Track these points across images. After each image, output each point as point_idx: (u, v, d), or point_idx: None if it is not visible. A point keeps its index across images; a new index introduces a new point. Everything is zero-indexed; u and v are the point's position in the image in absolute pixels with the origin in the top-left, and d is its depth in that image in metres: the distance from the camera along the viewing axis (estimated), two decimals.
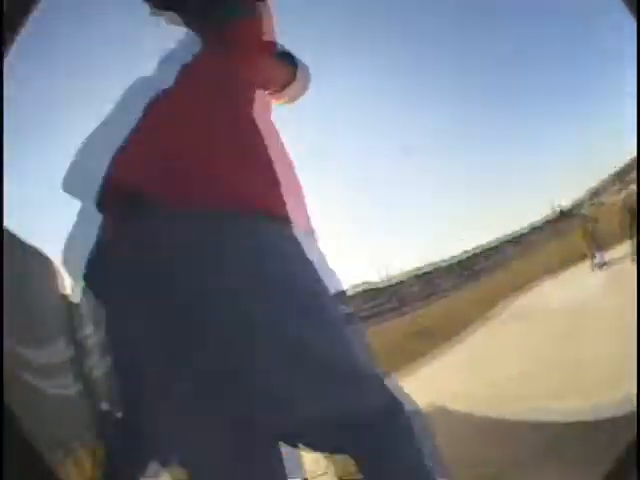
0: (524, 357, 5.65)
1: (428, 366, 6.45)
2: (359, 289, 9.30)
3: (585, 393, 4.01)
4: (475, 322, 7.66)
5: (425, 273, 10.16)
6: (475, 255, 11.76)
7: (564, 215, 13.25)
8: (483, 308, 8.35)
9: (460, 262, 11.70)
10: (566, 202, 14.14)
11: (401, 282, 9.66)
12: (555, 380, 4.58)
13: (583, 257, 9.64)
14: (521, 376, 4.94)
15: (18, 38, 1.15)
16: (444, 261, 11.00)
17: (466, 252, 12.01)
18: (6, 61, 1.09)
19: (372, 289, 9.42)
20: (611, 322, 5.46)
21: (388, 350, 7.26)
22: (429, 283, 10.44)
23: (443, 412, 4.77)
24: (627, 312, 5.09)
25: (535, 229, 12.96)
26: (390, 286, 9.42)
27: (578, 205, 13.93)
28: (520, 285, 9.60)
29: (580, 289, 8.00)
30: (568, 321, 6.25)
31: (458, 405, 4.76)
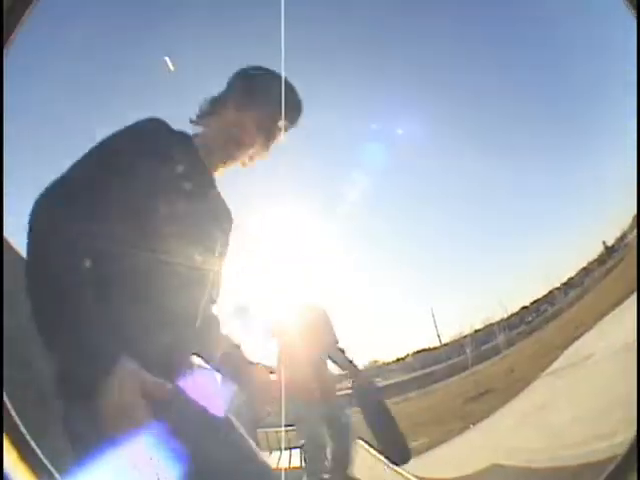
0: (581, 402, 5.49)
1: (486, 426, 6.27)
2: (416, 354, 9.16)
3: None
4: (534, 378, 7.39)
5: (477, 331, 9.89)
6: (525, 308, 11.39)
7: (610, 250, 12.75)
8: (541, 363, 8.06)
9: (511, 317, 11.35)
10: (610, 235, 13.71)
11: (456, 343, 9.42)
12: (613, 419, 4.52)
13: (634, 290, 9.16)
14: (576, 421, 4.87)
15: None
16: (499, 320, 10.75)
17: (520, 306, 11.71)
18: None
19: (428, 352, 9.24)
20: None
21: (445, 414, 7.08)
22: (484, 342, 10.15)
23: (499, 469, 4.72)
24: None
25: (584, 270, 12.47)
26: (446, 347, 9.18)
27: (623, 236, 13.31)
28: (576, 332, 9.22)
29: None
30: (627, 359, 6.03)
31: (515, 461, 4.70)
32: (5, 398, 1.04)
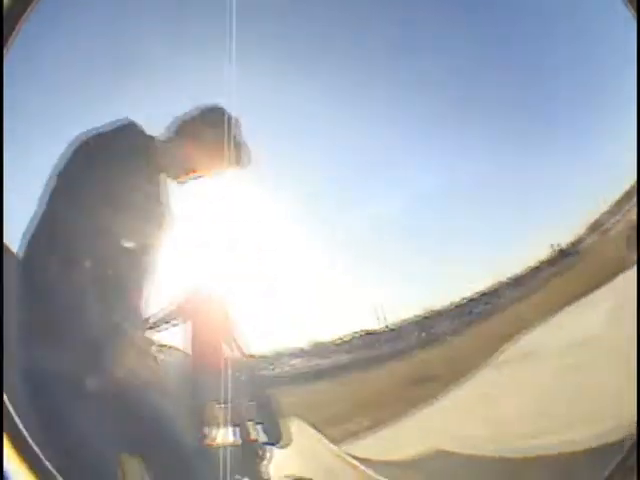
0: (525, 396, 5.61)
1: (427, 411, 6.33)
2: (357, 336, 9.16)
3: (589, 423, 4.17)
4: (477, 366, 7.49)
5: (425, 318, 9.96)
6: (474, 300, 11.51)
7: (564, 253, 13.10)
8: (485, 352, 8.17)
9: (459, 307, 11.42)
10: (565, 240, 14.08)
11: (400, 329, 9.43)
12: (558, 414, 4.67)
13: (584, 294, 9.53)
14: (522, 414, 4.98)
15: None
16: (444, 308, 10.77)
17: (465, 298, 11.78)
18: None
19: (371, 335, 9.27)
20: (614, 353, 5.47)
21: (388, 397, 7.16)
22: (428, 329, 10.22)
23: (443, 455, 4.78)
24: (630, 342, 5.15)
25: (534, 269, 12.74)
26: (390, 332, 9.17)
27: (577, 242, 13.63)
28: (522, 326, 9.44)
29: (582, 325, 7.92)
30: (571, 356, 6.22)
31: (458, 447, 4.76)
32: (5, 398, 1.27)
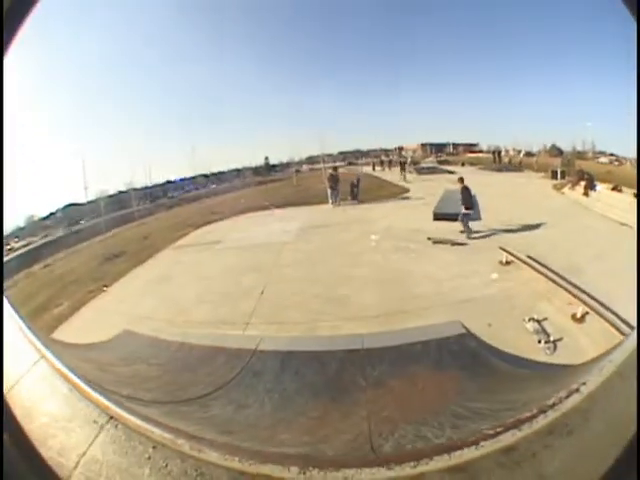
0: (208, 284, 5.98)
1: (116, 292, 6.35)
2: (62, 210, 8.68)
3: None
4: (164, 248, 7.86)
5: (120, 193, 9.75)
6: (171, 182, 11.76)
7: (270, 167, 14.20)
8: (174, 236, 8.63)
9: (154, 190, 11.56)
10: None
11: (100, 203, 9.14)
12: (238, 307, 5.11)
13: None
14: (201, 302, 5.25)
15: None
16: (137, 189, 10.74)
17: (164, 183, 12.01)
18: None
19: (77, 209, 8.84)
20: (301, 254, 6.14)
21: (81, 273, 6.99)
22: (121, 207, 10.15)
23: (129, 335, 4.71)
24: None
25: (238, 171, 13.50)
26: (91, 204, 8.86)
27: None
28: (212, 219, 10.15)
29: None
30: (260, 253, 6.92)
31: (144, 328, 4.77)
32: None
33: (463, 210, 6.97)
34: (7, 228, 5.62)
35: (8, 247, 6.12)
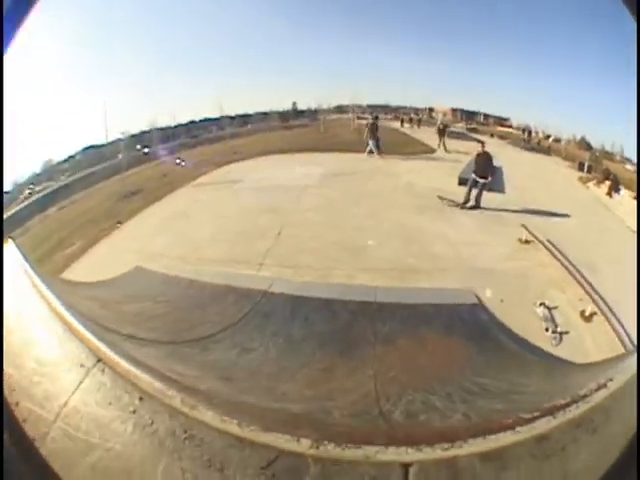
0: (224, 223, 5.84)
1: (130, 229, 6.26)
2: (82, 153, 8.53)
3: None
4: (183, 186, 7.74)
5: (142, 133, 9.60)
6: (196, 125, 11.53)
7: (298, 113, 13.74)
8: (193, 174, 8.52)
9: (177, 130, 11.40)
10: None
11: (121, 144, 8.97)
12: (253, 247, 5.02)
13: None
14: (216, 241, 5.16)
15: None
16: (160, 128, 10.59)
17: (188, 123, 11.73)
18: None
19: (98, 151, 8.71)
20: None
21: (96, 213, 6.92)
22: (143, 147, 10.02)
23: (140, 272, 4.68)
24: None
25: (264, 115, 13.18)
26: (112, 145, 8.71)
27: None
28: (234, 159, 9.97)
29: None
30: (280, 195, 6.77)
31: (155, 265, 4.71)
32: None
33: (477, 178, 6.58)
34: (24, 175, 5.56)
35: (24, 194, 6.00)
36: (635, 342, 2.50)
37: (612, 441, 1.57)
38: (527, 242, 5.56)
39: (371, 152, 9.49)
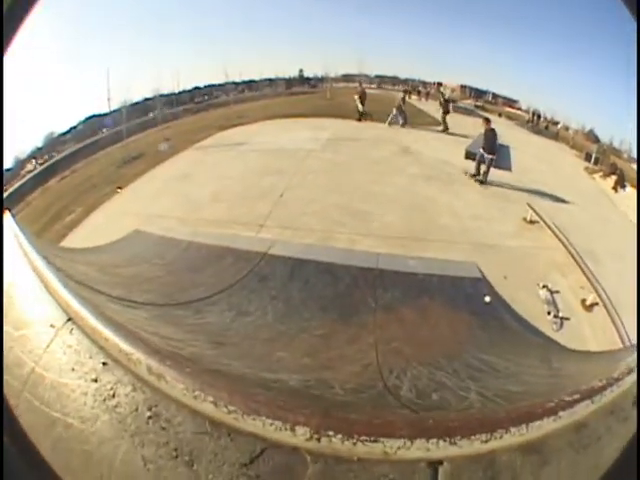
0: (226, 184, 5.68)
1: (131, 189, 6.10)
2: (84, 123, 8.26)
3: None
4: (186, 149, 7.56)
5: (145, 100, 9.32)
6: (198, 88, 11.20)
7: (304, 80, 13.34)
8: (196, 138, 8.36)
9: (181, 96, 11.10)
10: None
11: (123, 111, 8.72)
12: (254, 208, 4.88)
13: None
14: (217, 201, 5.07)
15: None
16: (164, 95, 10.29)
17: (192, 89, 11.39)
18: None
19: (99, 120, 8.45)
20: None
21: (97, 180, 6.81)
22: (146, 113, 9.76)
23: (139, 235, 4.55)
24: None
25: (270, 81, 12.80)
26: (114, 113, 8.48)
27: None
28: (238, 122, 9.79)
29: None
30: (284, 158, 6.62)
31: (154, 227, 4.60)
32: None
33: (485, 154, 6.46)
34: (26, 149, 5.49)
35: (25, 170, 5.86)
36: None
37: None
38: (532, 222, 5.39)
39: (393, 123, 9.30)
